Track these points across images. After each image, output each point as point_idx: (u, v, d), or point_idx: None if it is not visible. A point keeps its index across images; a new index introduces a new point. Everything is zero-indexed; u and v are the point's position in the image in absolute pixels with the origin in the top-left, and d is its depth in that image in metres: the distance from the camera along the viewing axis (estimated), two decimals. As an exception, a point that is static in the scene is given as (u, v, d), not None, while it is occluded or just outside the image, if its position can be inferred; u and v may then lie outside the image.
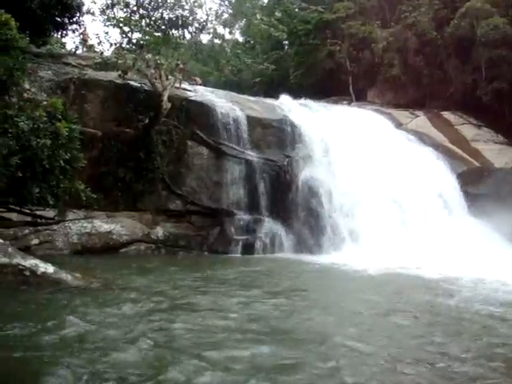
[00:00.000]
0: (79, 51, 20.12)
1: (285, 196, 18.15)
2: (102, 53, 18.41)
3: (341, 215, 17.55)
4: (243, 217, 17.78)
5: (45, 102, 11.94)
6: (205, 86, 24.46)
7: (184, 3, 19.20)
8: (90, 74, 17.95)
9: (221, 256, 16.53)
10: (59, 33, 20.08)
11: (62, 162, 10.54)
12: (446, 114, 24.75)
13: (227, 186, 18.06)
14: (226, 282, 10.51)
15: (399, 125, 23.10)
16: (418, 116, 24.67)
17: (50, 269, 9.49)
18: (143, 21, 18.74)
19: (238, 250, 17.05)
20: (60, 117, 10.82)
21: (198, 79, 25.53)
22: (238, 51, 23.60)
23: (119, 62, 17.30)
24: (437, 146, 21.35)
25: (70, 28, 19.42)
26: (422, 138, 21.91)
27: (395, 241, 15.55)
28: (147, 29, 18.26)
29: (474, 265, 13.05)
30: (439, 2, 27.39)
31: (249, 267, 13.48)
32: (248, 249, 17.01)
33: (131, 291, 9.03)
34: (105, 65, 17.79)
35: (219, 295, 8.80)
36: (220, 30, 22.06)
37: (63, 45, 22.85)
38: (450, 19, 25.72)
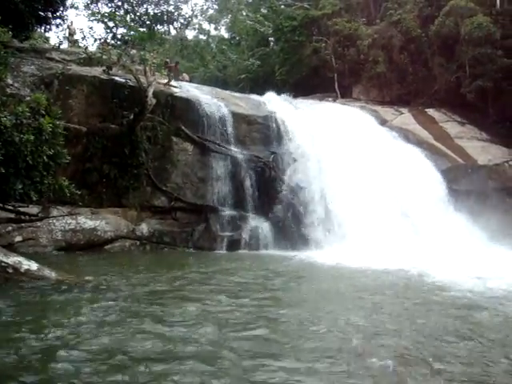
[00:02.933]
0: (63, 46, 19.92)
1: (270, 192, 18.16)
2: (87, 48, 18.28)
3: (326, 212, 17.59)
4: (228, 213, 17.78)
5: (28, 98, 11.86)
6: (190, 81, 24.39)
7: (169, -2, 19.16)
8: (75, 69, 17.81)
9: (205, 253, 16.48)
10: (42, 27, 19.92)
11: (45, 157, 10.45)
12: (431, 111, 24.91)
13: (212, 183, 18.06)
14: (200, 284, 10.21)
15: (384, 122, 23.19)
16: (402, 113, 24.79)
17: (33, 266, 9.44)
18: (128, 16, 18.69)
19: (223, 247, 17.06)
20: (44, 112, 10.72)
21: (185, 76, 25.46)
22: (224, 47, 23.66)
23: (104, 57, 17.23)
24: (421, 143, 21.47)
25: (53, 22, 19.28)
26: (407, 134, 22.02)
27: (379, 237, 15.63)
28: (132, 24, 18.20)
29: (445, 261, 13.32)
30: (424, -1, 27.56)
31: (228, 265, 13.32)
32: (233, 245, 17.02)
33: (107, 292, 8.89)
34: (89, 60, 17.70)
35: (187, 301, 8.36)
36: (205, 25, 22.13)
37: (47, 39, 22.65)
38: (434, 17, 25.88)
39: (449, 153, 21.23)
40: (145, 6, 18.98)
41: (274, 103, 20.98)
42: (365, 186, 17.75)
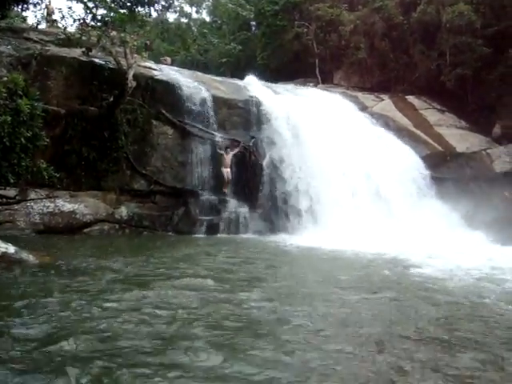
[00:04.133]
0: (41, 26, 19.58)
1: (250, 177, 18.19)
2: (66, 28, 17.98)
3: (305, 196, 17.70)
4: (208, 197, 17.79)
5: (5, 78, 11.67)
6: (171, 65, 24.22)
7: (150, -20, 18.87)
8: (53, 50, 17.53)
9: (183, 237, 16.46)
10: (20, 6, 19.49)
11: (23, 139, 10.35)
12: (411, 99, 25.07)
13: (192, 166, 18.02)
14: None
15: (364, 108, 23.32)
16: (383, 99, 24.90)
17: (10, 249, 9.37)
18: (108, -4, 18.36)
19: (203, 231, 17.06)
20: (21, 93, 10.59)
21: (168, 59, 25.23)
22: (205, 31, 23.49)
23: (83, 38, 16.97)
24: (401, 130, 21.64)
25: (31, 1, 18.84)
26: (387, 121, 22.18)
27: (357, 221, 15.82)
28: (112, 5, 17.88)
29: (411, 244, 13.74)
30: (406, -14, 27.60)
31: (201, 250, 13.36)
32: (212, 229, 17.05)
33: (82, 275, 8.83)
34: (68, 41, 17.41)
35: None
36: (187, 8, 21.83)
37: (24, 19, 22.24)
38: (416, 4, 25.98)
39: (428, 140, 21.42)
40: (126, -14, 18.68)
41: (255, 87, 20.94)
42: (345, 170, 17.96)
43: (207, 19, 42.26)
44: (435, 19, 24.65)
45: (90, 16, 17.94)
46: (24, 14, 22.46)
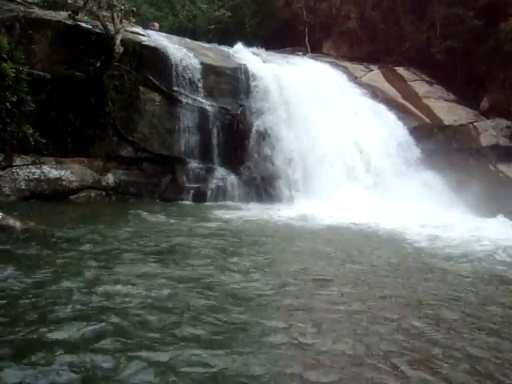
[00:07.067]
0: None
1: (238, 145, 18.15)
2: (50, -10, 17.61)
3: (292, 165, 17.73)
4: (195, 165, 17.76)
5: (-11, 41, 11.41)
6: (159, 31, 23.85)
7: None
8: (38, 12, 17.10)
9: (170, 204, 16.40)
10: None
11: (8, 104, 10.18)
12: (400, 70, 24.97)
13: (179, 134, 17.91)
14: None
15: (353, 78, 23.22)
16: (372, 70, 24.80)
17: (-3, 215, 9.34)
18: (95, -42, 17.94)
19: (190, 198, 17.06)
20: (6, 57, 10.38)
21: (156, 25, 24.83)
22: (194, -4, 23.03)
23: (69, 1, 16.63)
24: (389, 101, 21.59)
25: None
26: (375, 92, 22.13)
27: (344, 191, 15.92)
28: (99, -33, 17.50)
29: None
30: (398, -45, 27.22)
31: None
32: (199, 197, 17.05)
33: (68, 242, 8.89)
34: (53, 3, 17.05)
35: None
36: (176, -28, 21.38)
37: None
38: (407, -26, 25.68)
39: (416, 112, 21.46)
40: None
41: (244, 55, 20.76)
42: (333, 140, 17.98)
43: (196, -16, 41.54)
44: (427, -11, 24.44)
45: (76, -22, 17.56)
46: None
